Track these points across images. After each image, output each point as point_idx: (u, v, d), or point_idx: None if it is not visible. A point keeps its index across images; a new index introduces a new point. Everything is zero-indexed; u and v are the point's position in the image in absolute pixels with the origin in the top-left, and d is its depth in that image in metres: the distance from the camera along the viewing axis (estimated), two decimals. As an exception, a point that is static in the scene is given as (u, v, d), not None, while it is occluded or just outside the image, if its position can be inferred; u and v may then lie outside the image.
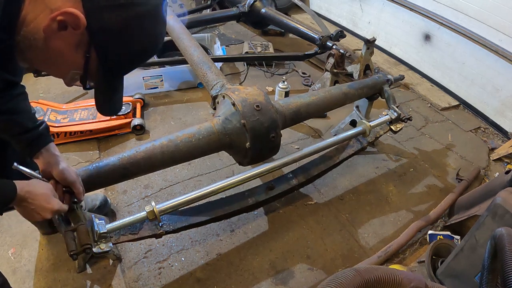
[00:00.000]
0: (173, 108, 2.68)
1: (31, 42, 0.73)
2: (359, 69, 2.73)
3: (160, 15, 0.82)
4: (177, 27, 2.48)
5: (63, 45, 0.74)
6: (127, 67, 0.88)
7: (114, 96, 0.96)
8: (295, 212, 1.99)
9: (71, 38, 0.73)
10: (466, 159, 2.50)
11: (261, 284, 1.64)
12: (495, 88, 2.76)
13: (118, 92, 0.96)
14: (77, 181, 1.18)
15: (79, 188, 1.18)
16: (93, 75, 0.83)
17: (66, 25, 0.70)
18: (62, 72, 0.84)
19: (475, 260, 1.36)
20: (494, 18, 2.60)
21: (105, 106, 0.97)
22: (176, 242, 1.77)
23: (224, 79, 1.87)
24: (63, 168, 1.15)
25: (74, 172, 1.19)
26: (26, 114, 1.16)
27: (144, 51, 0.85)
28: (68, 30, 0.71)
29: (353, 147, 2.03)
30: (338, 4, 4.10)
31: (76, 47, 0.75)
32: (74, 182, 1.17)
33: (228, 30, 3.95)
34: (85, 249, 1.16)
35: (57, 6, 0.69)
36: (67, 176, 1.15)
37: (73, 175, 1.17)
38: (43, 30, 0.70)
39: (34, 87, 2.70)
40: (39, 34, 0.72)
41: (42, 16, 0.70)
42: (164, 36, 0.89)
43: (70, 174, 1.16)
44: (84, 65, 0.79)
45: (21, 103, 1.16)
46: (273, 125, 1.54)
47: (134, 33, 0.78)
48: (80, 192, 1.19)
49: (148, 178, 2.06)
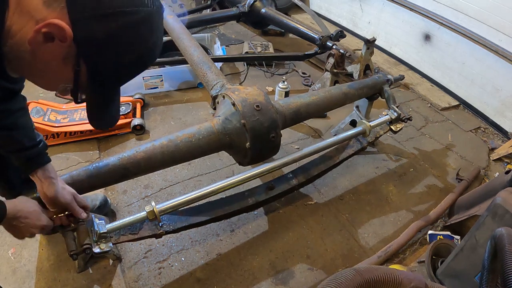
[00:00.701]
0: (173, 108, 2.68)
1: (18, 54, 0.70)
2: (359, 69, 2.73)
3: (154, 23, 0.76)
4: (177, 27, 2.48)
5: (50, 58, 0.70)
6: (120, 80, 0.82)
7: (108, 109, 0.89)
8: (295, 212, 1.99)
9: (58, 50, 0.69)
10: (466, 159, 2.50)
11: (261, 284, 1.64)
12: (495, 88, 2.76)
13: (113, 105, 0.89)
14: (72, 203, 1.15)
15: (74, 209, 1.15)
16: (84, 88, 0.78)
17: (52, 37, 0.66)
18: (51, 85, 0.80)
19: (475, 260, 1.35)
20: (494, 18, 2.60)
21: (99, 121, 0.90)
22: (176, 242, 1.77)
23: (224, 79, 1.87)
24: (56, 192, 1.11)
25: (69, 193, 1.15)
26: (25, 130, 1.13)
27: (137, 62, 0.80)
28: (55, 42, 0.67)
29: (353, 147, 2.03)
30: (338, 4, 4.10)
31: (64, 60, 0.71)
32: (68, 204, 1.13)
33: (228, 30, 3.95)
34: (85, 249, 1.16)
35: (42, 17, 0.65)
36: (60, 200, 1.12)
37: (67, 197, 1.13)
38: (28, 42, 0.67)
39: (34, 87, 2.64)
40: (25, 46, 0.68)
41: (27, 27, 0.66)
42: (161, 44, 0.84)
43: (64, 197, 1.12)
44: (74, 79, 0.74)
45: (21, 119, 1.13)
46: (273, 125, 1.54)
47: (125, 44, 0.73)
48: (77, 212, 1.16)
49: (148, 178, 2.06)
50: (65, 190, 1.15)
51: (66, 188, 1.15)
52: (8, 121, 1.08)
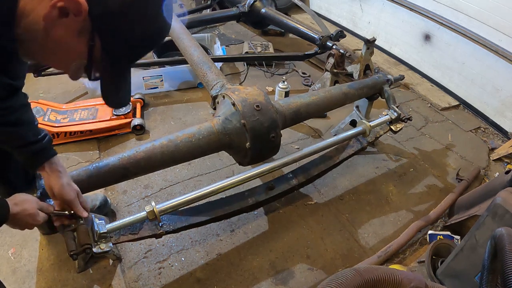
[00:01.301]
0: (173, 108, 2.68)
1: (32, 34, 0.71)
2: (359, 69, 2.74)
3: None
4: (177, 27, 2.48)
5: (64, 34, 0.71)
6: (134, 55, 0.84)
7: (122, 87, 0.91)
8: (295, 212, 1.99)
9: (73, 25, 0.70)
10: (466, 159, 2.50)
11: (261, 284, 1.64)
12: (495, 88, 2.76)
13: (126, 83, 0.92)
14: (75, 200, 1.14)
15: (76, 207, 1.15)
16: (98, 64, 0.79)
17: (67, 12, 0.67)
18: (65, 63, 0.81)
19: (475, 260, 1.35)
20: (494, 18, 2.60)
21: (112, 98, 0.92)
22: (176, 242, 1.77)
23: (224, 79, 1.87)
24: (62, 187, 1.11)
25: (74, 190, 1.15)
26: (29, 126, 1.14)
27: (150, 37, 0.81)
28: (69, 17, 0.68)
29: (353, 147, 2.03)
30: (338, 4, 4.10)
31: (79, 35, 0.72)
32: (71, 201, 1.13)
33: (228, 30, 3.95)
34: (85, 249, 1.16)
35: None
36: (65, 195, 1.12)
37: (71, 194, 1.13)
38: (43, 19, 0.68)
39: (34, 87, 2.70)
40: (39, 24, 0.69)
41: (42, 5, 0.68)
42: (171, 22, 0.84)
43: (68, 193, 1.12)
44: (88, 54, 0.75)
45: (24, 115, 1.14)
46: (273, 125, 1.54)
47: (139, 18, 0.74)
48: (79, 211, 1.15)
49: (148, 178, 2.06)
50: (70, 186, 1.15)
51: (71, 184, 1.16)
52: (12, 117, 1.09)
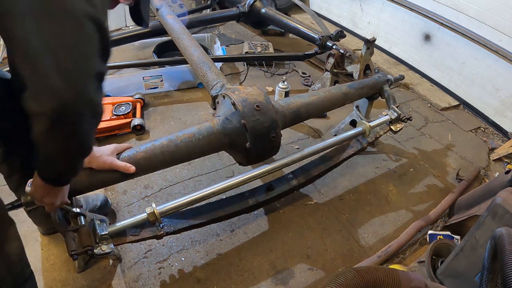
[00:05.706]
0: (173, 108, 2.68)
1: None
2: (359, 69, 2.73)
3: None
4: (177, 27, 2.48)
5: None
6: None
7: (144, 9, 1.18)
8: (295, 212, 1.99)
9: None
10: (466, 159, 2.51)
11: (261, 284, 1.64)
12: (495, 88, 2.76)
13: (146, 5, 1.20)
14: (114, 163, 1.25)
15: (119, 166, 1.25)
16: None
17: None
18: None
19: (475, 260, 1.36)
20: (494, 18, 2.60)
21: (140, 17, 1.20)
22: (176, 242, 1.77)
23: (224, 79, 1.87)
24: (101, 158, 1.24)
25: (109, 158, 1.26)
26: None
27: None
28: None
29: (353, 147, 2.03)
30: (338, 4, 4.10)
31: None
32: (111, 164, 1.24)
33: (228, 30, 3.95)
34: (87, 250, 1.16)
35: None
36: (106, 165, 1.24)
37: (108, 161, 1.24)
38: None
39: None
40: None
41: None
42: None
43: (105, 163, 1.24)
44: None
45: None
46: (273, 125, 1.54)
47: None
48: (125, 168, 1.26)
49: (148, 178, 2.06)
50: (109, 157, 1.27)
51: (105, 155, 1.26)
52: None
